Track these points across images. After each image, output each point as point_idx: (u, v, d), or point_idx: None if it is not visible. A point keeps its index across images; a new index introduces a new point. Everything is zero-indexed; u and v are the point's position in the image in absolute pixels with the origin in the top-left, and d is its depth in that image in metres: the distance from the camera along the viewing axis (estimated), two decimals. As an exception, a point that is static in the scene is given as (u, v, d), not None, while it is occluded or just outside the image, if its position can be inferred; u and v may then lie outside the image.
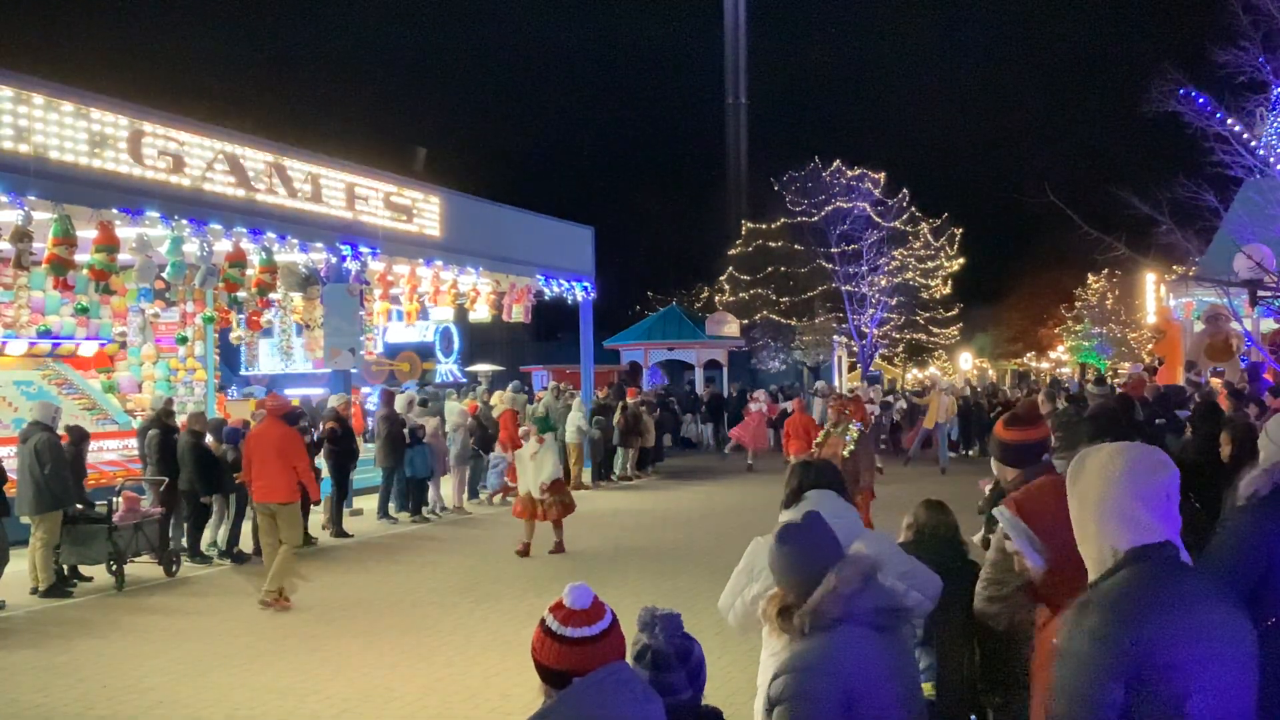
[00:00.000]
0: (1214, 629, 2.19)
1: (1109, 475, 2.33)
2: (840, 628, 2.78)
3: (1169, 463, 2.35)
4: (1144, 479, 2.31)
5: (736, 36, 60.87)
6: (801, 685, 2.72)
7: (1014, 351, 66.47)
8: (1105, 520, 2.31)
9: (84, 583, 10.84)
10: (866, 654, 2.78)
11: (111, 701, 7.04)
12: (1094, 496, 2.34)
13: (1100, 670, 2.16)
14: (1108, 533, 2.31)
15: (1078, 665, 2.20)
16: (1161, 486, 2.31)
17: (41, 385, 15.97)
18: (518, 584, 10.68)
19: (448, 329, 27.78)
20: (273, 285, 15.54)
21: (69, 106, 12.13)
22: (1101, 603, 2.23)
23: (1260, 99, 18.30)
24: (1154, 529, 2.27)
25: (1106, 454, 2.38)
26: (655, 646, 2.67)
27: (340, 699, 7.02)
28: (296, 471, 9.94)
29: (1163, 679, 2.13)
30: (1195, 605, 2.20)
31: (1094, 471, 2.37)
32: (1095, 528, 2.33)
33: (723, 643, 7.38)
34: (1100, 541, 2.32)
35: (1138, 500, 2.28)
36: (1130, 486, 2.30)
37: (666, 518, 15.55)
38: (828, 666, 2.73)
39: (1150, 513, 2.28)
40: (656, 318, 38.02)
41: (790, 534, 3.03)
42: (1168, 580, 2.23)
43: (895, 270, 39.54)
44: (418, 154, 37.48)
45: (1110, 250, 18.17)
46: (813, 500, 3.84)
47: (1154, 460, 2.34)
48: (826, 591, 2.82)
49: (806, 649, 2.79)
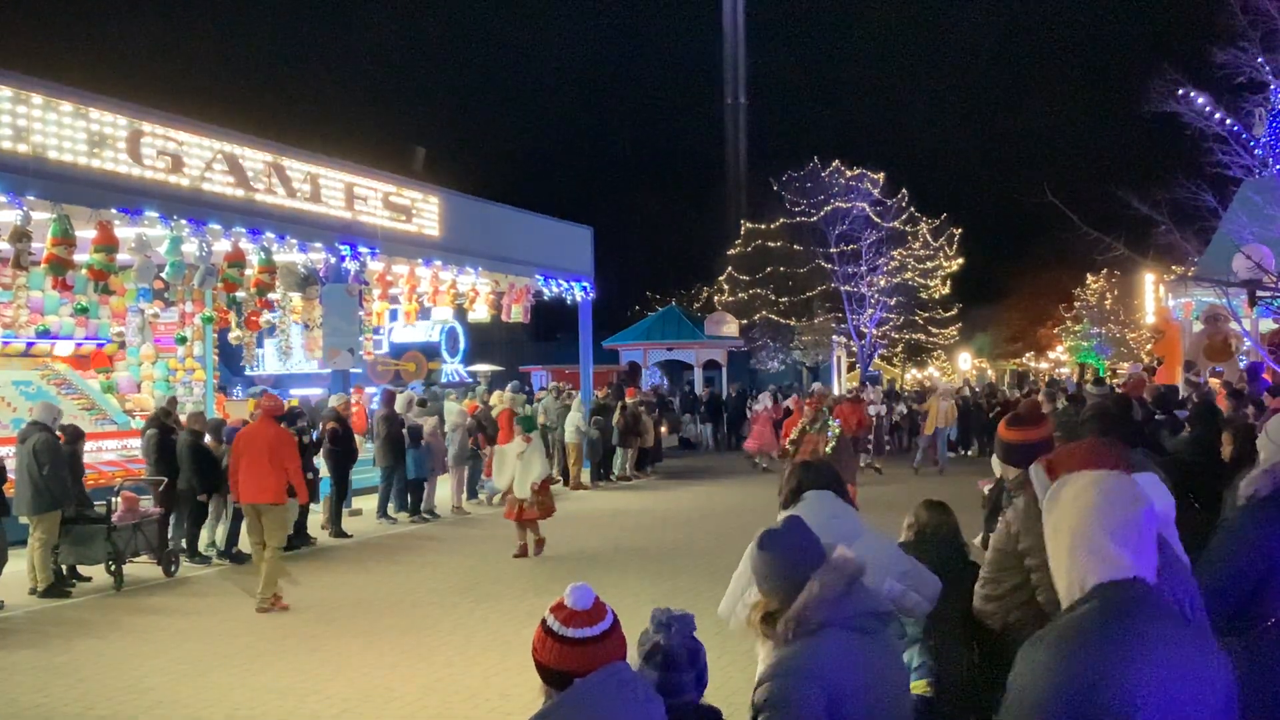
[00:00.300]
0: (1176, 672, 2.09)
1: (1080, 507, 2.26)
2: (823, 633, 2.75)
3: (1144, 496, 2.28)
4: (1116, 513, 2.23)
5: (735, 37, 60.90)
6: (784, 691, 2.68)
7: (1013, 352, 66.51)
8: (1075, 553, 2.24)
9: (83, 583, 10.84)
10: (850, 658, 2.74)
11: (111, 701, 7.04)
12: (1065, 528, 2.28)
13: (1045, 708, 2.09)
14: (1077, 566, 2.23)
15: (1024, 700, 2.13)
16: (1133, 521, 2.23)
17: (40, 385, 15.96)
18: (517, 584, 10.68)
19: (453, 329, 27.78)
20: (272, 285, 15.54)
21: (68, 106, 12.13)
22: (1054, 639, 2.16)
23: (1259, 99, 18.33)
24: (1123, 565, 2.19)
25: (1081, 484, 2.32)
26: (669, 647, 2.66)
27: (340, 699, 7.02)
28: (287, 472, 9.83)
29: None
30: (1157, 646, 2.10)
31: (1067, 502, 2.31)
32: (1066, 560, 2.27)
33: (722, 643, 7.37)
34: (1070, 574, 2.25)
35: (1108, 535, 2.20)
36: (1101, 520, 2.23)
37: (666, 518, 15.55)
38: (811, 672, 2.70)
39: (1120, 548, 2.20)
40: (656, 318, 38.03)
41: (770, 539, 2.97)
42: (1129, 619, 2.13)
43: (894, 270, 39.55)
44: (417, 154, 37.44)
45: (1109, 250, 18.17)
46: (811, 500, 3.83)
47: (1128, 494, 2.27)
48: (809, 597, 2.78)
49: (789, 655, 2.76)
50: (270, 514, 9.80)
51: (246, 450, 9.92)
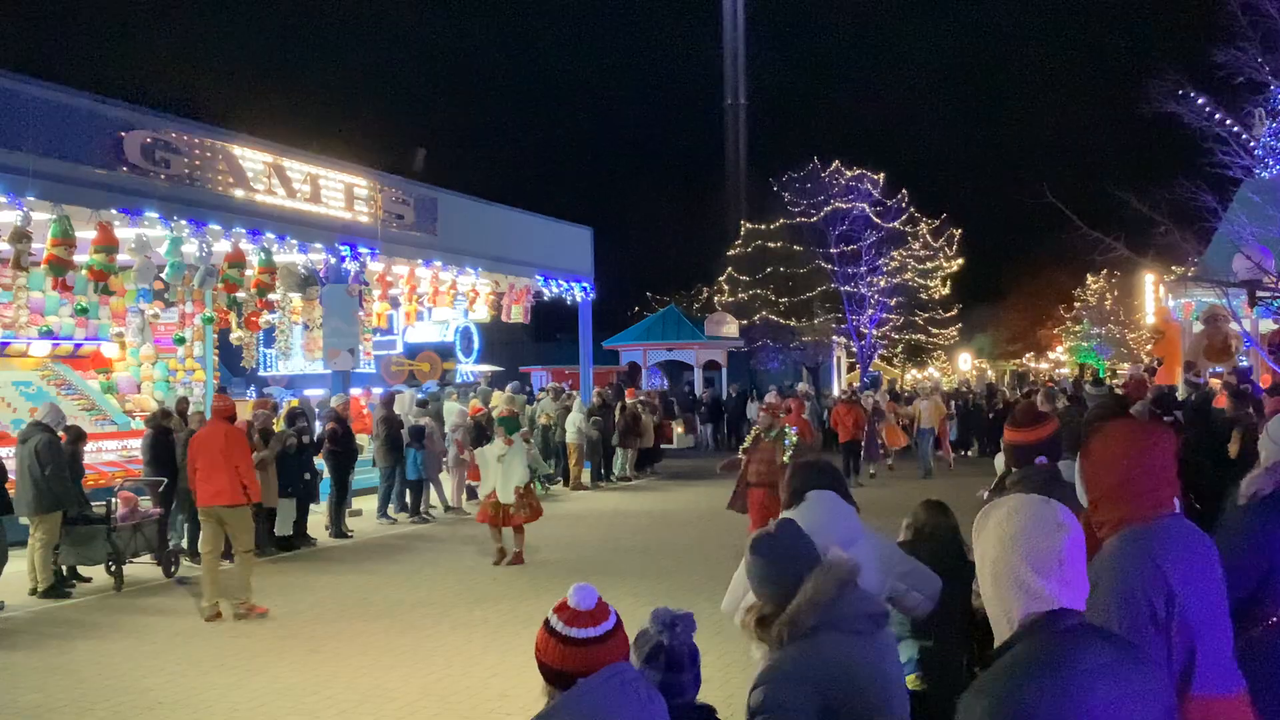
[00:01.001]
0: (1109, 701, 2.05)
1: (1000, 537, 2.19)
2: (818, 635, 2.75)
3: (1067, 523, 2.19)
4: (1034, 542, 2.14)
5: (735, 37, 60.87)
6: (779, 695, 2.69)
7: (1013, 352, 66.50)
8: (1000, 586, 2.18)
9: (83, 583, 10.84)
10: (845, 660, 2.74)
11: (111, 702, 7.03)
12: (989, 558, 2.21)
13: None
14: (1003, 599, 2.17)
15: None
16: (1054, 551, 2.14)
17: (40, 386, 15.96)
18: (516, 585, 10.68)
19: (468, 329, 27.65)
20: (272, 286, 15.54)
21: (66, 106, 12.13)
22: (991, 686, 2.08)
23: (1259, 99, 18.32)
24: (1045, 597, 2.12)
25: (1003, 513, 2.23)
26: (672, 646, 2.66)
27: (339, 699, 7.02)
28: (239, 472, 9.48)
29: None
30: (1088, 677, 2.05)
31: (991, 531, 2.23)
32: (992, 593, 2.20)
33: (722, 643, 7.38)
34: (998, 608, 2.19)
35: (1028, 565, 2.13)
36: (1021, 550, 2.15)
37: (666, 518, 15.54)
38: (805, 675, 2.70)
39: (1042, 579, 2.12)
40: (655, 318, 38.05)
41: (762, 543, 2.97)
42: (1058, 654, 2.06)
43: (894, 271, 39.54)
44: (418, 154, 37.49)
45: (1109, 251, 18.16)
46: (813, 501, 3.83)
47: (1048, 521, 2.17)
48: (803, 601, 2.78)
49: (784, 658, 2.77)
50: (233, 516, 9.51)
51: (201, 453, 9.61)
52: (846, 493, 4.02)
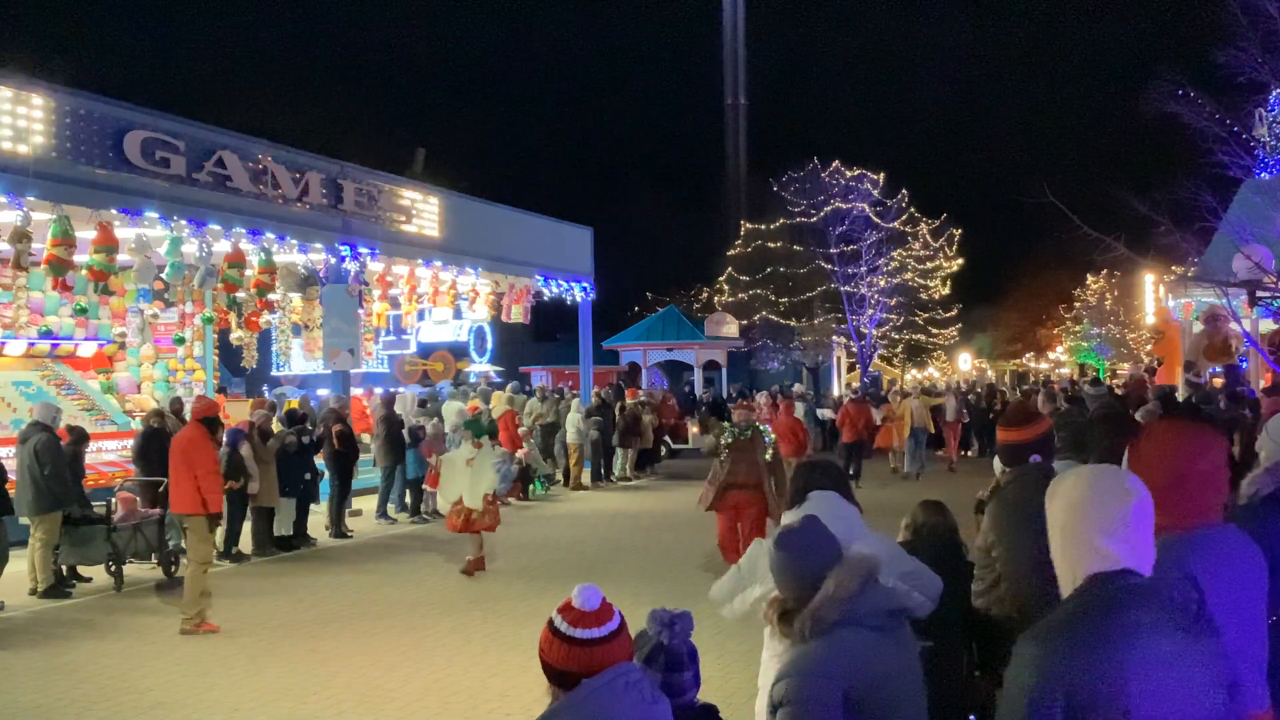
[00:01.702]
0: (1161, 660, 2.15)
1: (1071, 502, 2.34)
2: (841, 630, 2.80)
3: (1133, 490, 2.32)
4: (1103, 507, 2.29)
5: (735, 37, 60.90)
6: (803, 688, 2.74)
7: (1013, 352, 66.49)
8: (1068, 547, 2.32)
9: (83, 583, 10.84)
10: (867, 656, 2.80)
11: (111, 702, 7.04)
12: (1059, 522, 2.36)
13: (1039, 702, 2.14)
14: (1070, 559, 2.32)
15: (1017, 695, 2.19)
16: (1120, 514, 2.28)
17: (40, 386, 15.96)
18: (516, 585, 10.68)
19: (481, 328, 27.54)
20: (272, 286, 15.53)
21: (60, 103, 12.14)
22: (1045, 633, 2.23)
23: (1259, 99, 18.31)
24: (1111, 557, 2.26)
25: (1073, 479, 2.39)
26: (672, 646, 2.68)
27: (339, 699, 7.02)
28: (196, 478, 8.87)
29: (1101, 711, 2.11)
30: (1143, 636, 2.16)
31: (1061, 497, 2.38)
32: (1061, 554, 2.35)
33: (722, 642, 7.38)
34: (1065, 568, 2.34)
35: (1096, 528, 2.28)
36: (1090, 514, 2.30)
37: (666, 518, 15.54)
38: (829, 669, 2.76)
39: (1108, 540, 2.26)
40: (655, 318, 38.08)
41: (788, 539, 3.04)
42: (1118, 610, 2.19)
43: (894, 271, 39.54)
44: (418, 154, 37.52)
45: (1109, 251, 18.15)
46: (815, 501, 3.84)
47: (1116, 487, 2.33)
48: (826, 596, 2.84)
49: (808, 652, 2.82)
50: (190, 525, 9.05)
51: (171, 457, 9.18)
52: (849, 492, 4.03)
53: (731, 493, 10.27)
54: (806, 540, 3.02)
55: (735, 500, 10.25)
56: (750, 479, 10.19)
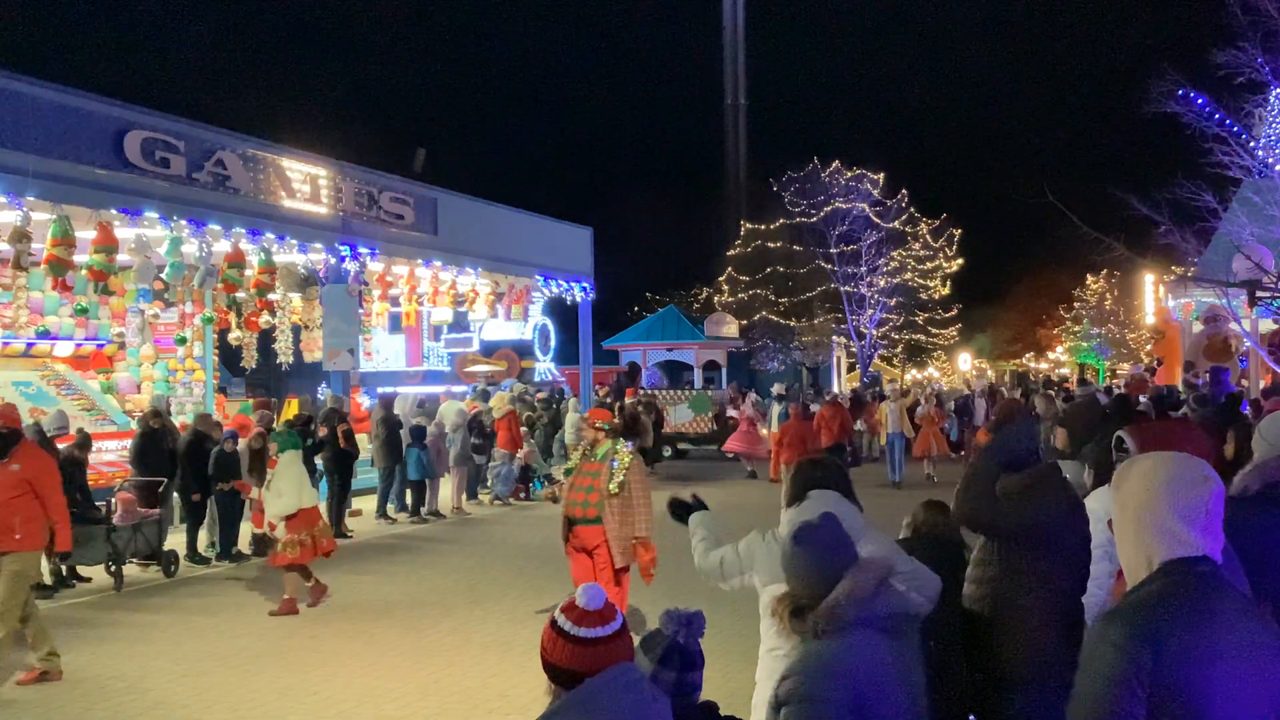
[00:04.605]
0: (1240, 649, 2.16)
1: (1149, 486, 2.30)
2: (852, 631, 2.80)
3: (1212, 477, 2.31)
4: (1184, 493, 2.27)
5: (735, 38, 60.87)
6: (811, 687, 2.73)
7: (1013, 352, 66.56)
8: (1144, 531, 2.29)
9: (83, 583, 10.84)
10: (877, 658, 2.79)
11: (111, 702, 7.04)
12: (1134, 505, 2.32)
13: (1120, 682, 2.14)
14: (1145, 544, 2.28)
15: (1098, 675, 2.18)
16: (1202, 501, 2.27)
17: (40, 386, 15.95)
18: (516, 585, 10.68)
19: (545, 326, 27.29)
20: (271, 286, 15.53)
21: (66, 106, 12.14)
22: (1127, 614, 2.22)
23: (1259, 99, 18.31)
24: (1191, 543, 2.24)
25: (1150, 463, 2.36)
26: (687, 645, 2.67)
27: (339, 699, 7.02)
28: (45, 508, 7.33)
29: (1182, 696, 2.11)
30: (1221, 623, 2.17)
31: (1137, 480, 2.34)
32: (1134, 538, 2.32)
33: (722, 642, 7.38)
34: (1138, 552, 2.31)
35: (1176, 514, 2.26)
36: (1170, 499, 2.27)
37: (665, 518, 15.48)
38: (838, 669, 2.75)
39: (1188, 527, 2.25)
40: (655, 318, 38.07)
41: (807, 535, 3.04)
42: (1197, 596, 2.19)
43: (894, 271, 39.55)
44: (418, 154, 37.45)
45: (1109, 251, 18.19)
46: (816, 500, 3.83)
47: (1197, 474, 2.30)
48: (842, 595, 2.83)
49: (817, 651, 2.81)
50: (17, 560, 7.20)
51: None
52: (850, 492, 4.00)
53: (581, 529, 7.64)
54: (826, 538, 3.02)
55: (588, 540, 7.65)
56: (591, 512, 7.56)
